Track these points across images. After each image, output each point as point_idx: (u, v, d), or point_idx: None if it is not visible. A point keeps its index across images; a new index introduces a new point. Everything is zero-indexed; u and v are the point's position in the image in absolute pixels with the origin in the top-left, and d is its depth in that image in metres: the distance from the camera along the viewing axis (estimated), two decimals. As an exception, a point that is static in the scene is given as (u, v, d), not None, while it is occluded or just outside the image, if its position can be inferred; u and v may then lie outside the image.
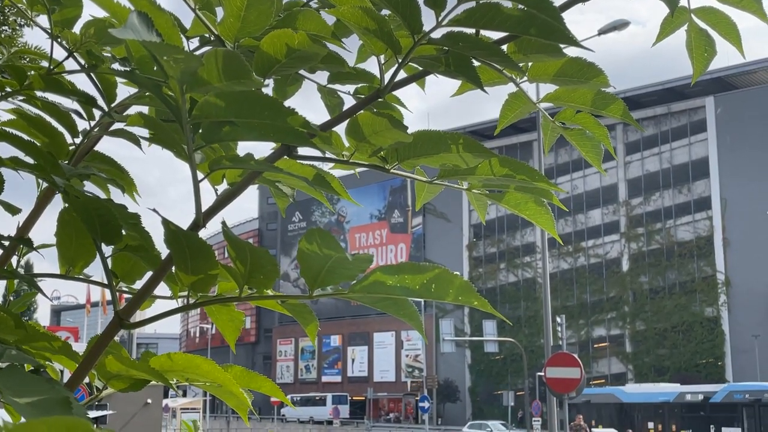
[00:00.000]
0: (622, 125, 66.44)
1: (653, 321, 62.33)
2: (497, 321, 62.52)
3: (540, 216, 1.48)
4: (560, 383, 16.99)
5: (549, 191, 1.42)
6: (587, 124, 1.47)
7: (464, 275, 72.59)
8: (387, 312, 1.24)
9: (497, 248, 73.02)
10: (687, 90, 63.15)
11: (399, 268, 1.13)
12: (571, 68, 1.34)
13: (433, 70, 1.28)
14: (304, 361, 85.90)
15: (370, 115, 1.27)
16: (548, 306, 21.12)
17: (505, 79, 1.37)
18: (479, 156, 1.30)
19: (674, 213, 62.90)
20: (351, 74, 1.57)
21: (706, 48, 1.51)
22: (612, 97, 1.41)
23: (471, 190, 1.44)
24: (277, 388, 1.42)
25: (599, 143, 1.50)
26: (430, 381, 56.45)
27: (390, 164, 1.34)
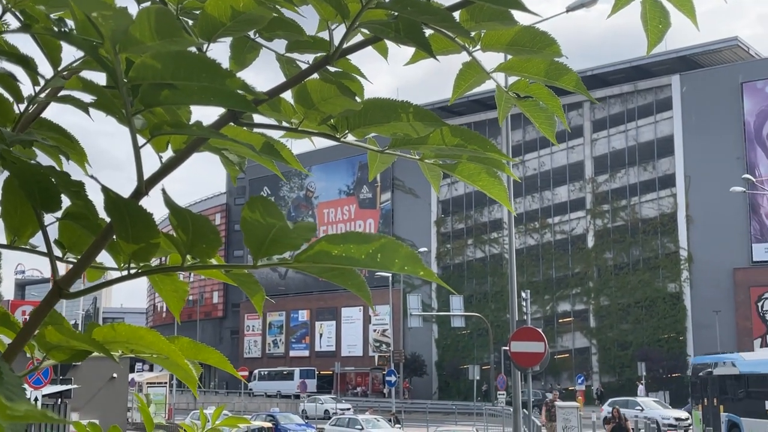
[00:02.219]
0: (589, 102, 66.87)
1: (617, 296, 63.20)
2: (464, 296, 63.03)
3: (493, 187, 1.46)
4: (524, 357, 17.19)
5: (501, 162, 1.40)
6: (541, 95, 1.46)
7: (432, 251, 73.09)
8: (334, 282, 1.22)
9: (465, 224, 73.37)
10: (653, 68, 63.64)
11: (344, 237, 1.12)
12: (523, 37, 1.33)
13: (383, 36, 1.25)
14: (272, 335, 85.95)
15: (318, 81, 1.25)
16: (514, 281, 21.27)
17: (459, 47, 1.35)
18: (430, 125, 1.28)
19: (639, 190, 63.61)
20: (309, 43, 1.54)
21: (660, 20, 1.50)
22: (565, 68, 1.40)
23: (424, 160, 1.42)
24: (225, 360, 1.40)
25: (553, 114, 1.50)
26: (397, 355, 56.85)
27: (340, 133, 1.32)
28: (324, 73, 1.47)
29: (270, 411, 43.55)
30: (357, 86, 1.55)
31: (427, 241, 72.70)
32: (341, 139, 1.33)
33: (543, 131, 1.53)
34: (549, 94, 1.46)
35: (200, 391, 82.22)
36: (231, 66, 1.55)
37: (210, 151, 1.33)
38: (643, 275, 62.13)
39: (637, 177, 63.78)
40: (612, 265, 64.13)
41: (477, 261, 72.32)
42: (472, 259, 72.68)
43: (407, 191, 76.12)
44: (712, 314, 54.95)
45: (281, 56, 1.61)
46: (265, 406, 56.50)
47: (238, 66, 1.56)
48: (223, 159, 1.48)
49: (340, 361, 72.07)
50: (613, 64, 65.60)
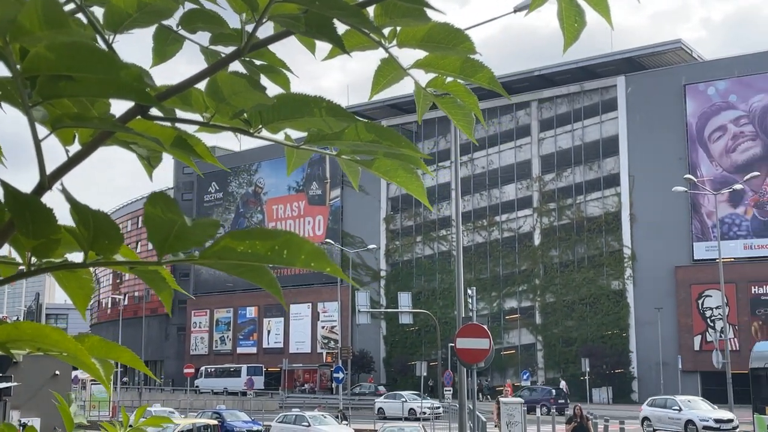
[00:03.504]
0: (537, 102, 67.67)
1: (562, 293, 64.11)
2: (413, 293, 63.26)
3: (411, 183, 1.47)
4: (470, 354, 17.30)
5: (417, 158, 1.41)
6: (458, 92, 1.47)
7: (381, 248, 73.20)
8: (245, 279, 1.21)
9: (414, 221, 73.64)
10: (599, 69, 64.65)
11: (249, 233, 1.10)
12: (438, 33, 1.33)
13: (294, 30, 1.24)
14: (219, 332, 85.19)
15: (229, 75, 1.23)
16: (461, 278, 21.40)
17: (375, 43, 1.35)
18: (343, 120, 1.28)
19: (585, 189, 64.59)
20: (232, 35, 1.52)
21: (576, 18, 1.52)
22: (480, 65, 1.41)
23: (341, 156, 1.42)
24: (137, 359, 1.38)
25: (470, 112, 1.50)
26: (344, 352, 56.81)
27: (254, 128, 1.31)
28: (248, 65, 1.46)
29: (216, 408, 43.14)
30: (283, 80, 1.54)
31: (377, 238, 72.82)
32: (255, 134, 1.31)
33: (461, 128, 1.54)
34: (466, 91, 1.46)
35: (146, 388, 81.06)
36: (153, 58, 1.53)
37: (118, 145, 1.30)
38: (587, 273, 63.13)
39: (583, 176, 64.75)
40: (558, 262, 65.01)
41: (426, 258, 72.67)
42: (421, 256, 73.01)
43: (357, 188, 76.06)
44: (654, 311, 56.08)
45: (205, 49, 1.59)
46: (212, 404, 55.97)
47: (160, 58, 1.54)
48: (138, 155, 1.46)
49: (288, 358, 71.78)
50: (560, 64, 66.43)
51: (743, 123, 57.61)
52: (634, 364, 59.42)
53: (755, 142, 57.13)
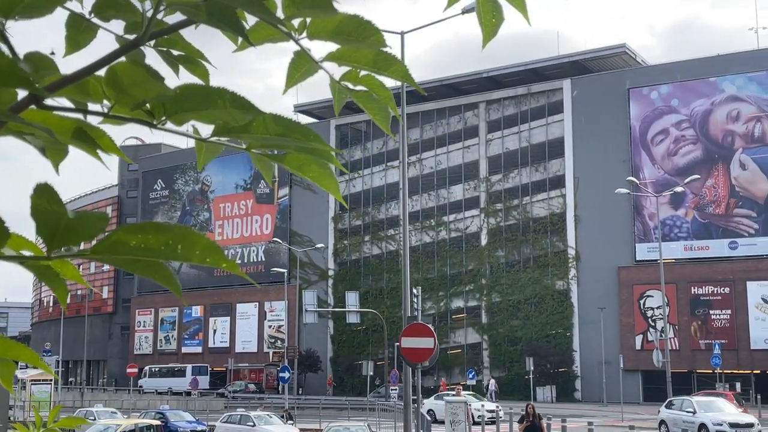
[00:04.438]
0: (485, 103, 68.23)
1: (508, 293, 64.77)
2: (360, 292, 63.22)
3: (324, 179, 1.44)
4: (414, 353, 17.35)
5: (330, 153, 1.38)
6: (372, 86, 1.45)
7: (329, 247, 73.03)
8: (141, 275, 1.17)
9: (362, 221, 73.65)
10: (546, 72, 65.47)
11: (142, 227, 1.09)
12: (348, 26, 1.31)
13: (196, 19, 1.21)
14: (164, 331, 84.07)
15: (127, 64, 1.19)
16: (407, 278, 21.46)
17: (284, 35, 1.32)
18: (248, 113, 1.24)
19: (531, 190, 65.35)
20: (146, 24, 1.48)
21: (493, 13, 1.51)
22: (393, 59, 1.39)
23: (251, 150, 1.38)
24: (38, 358, 1.33)
25: (386, 106, 1.48)
26: (291, 351, 56.56)
27: (157, 119, 1.27)
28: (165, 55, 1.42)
29: (160, 408, 42.53)
30: (201, 71, 1.50)
31: (325, 237, 72.64)
32: (158, 126, 1.27)
33: (378, 123, 1.52)
34: (380, 85, 1.44)
35: (88, 388, 79.54)
36: (66, 47, 1.48)
37: (12, 136, 1.25)
38: (533, 273, 63.89)
39: (529, 177, 65.50)
40: (504, 262, 65.66)
41: (374, 257, 72.73)
42: (368, 256, 73.04)
43: (305, 187, 75.75)
44: (597, 311, 56.96)
45: (120, 37, 1.55)
46: (156, 404, 55.16)
47: (73, 47, 1.49)
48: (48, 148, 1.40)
49: (234, 357, 71.18)
50: (508, 66, 67.13)
51: (685, 127, 58.92)
52: (578, 363, 60.35)
53: (696, 145, 58.47)
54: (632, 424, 31.45)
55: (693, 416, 29.83)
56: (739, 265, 55.68)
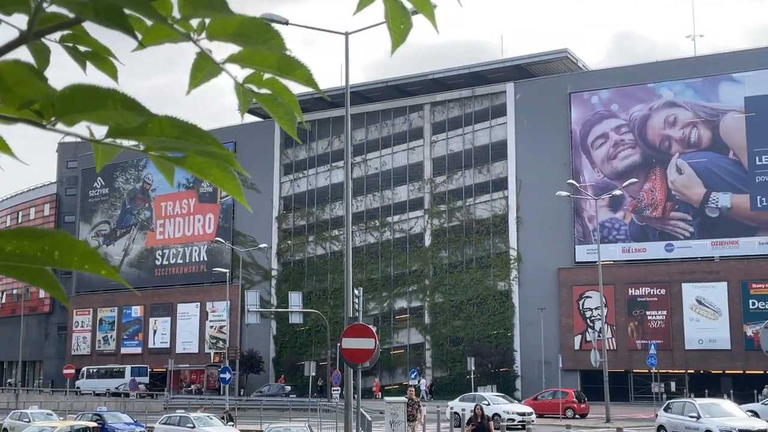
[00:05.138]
0: (430, 105, 68.60)
1: (451, 294, 65.22)
2: (304, 293, 62.97)
3: (226, 182, 1.42)
4: (355, 353, 17.33)
5: (231, 157, 1.36)
6: (277, 89, 1.43)
7: (273, 247, 72.54)
8: (23, 281, 1.17)
9: (307, 221, 73.35)
10: (490, 75, 66.10)
11: (17, 233, 1.07)
12: (248, 28, 1.29)
13: (85, 17, 1.18)
14: (103, 332, 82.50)
15: (11, 63, 1.17)
16: (350, 278, 21.45)
17: (181, 35, 1.29)
18: (139, 115, 1.21)
19: (474, 192, 65.92)
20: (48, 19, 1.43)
21: (402, 20, 1.50)
22: (297, 62, 1.38)
23: (149, 152, 1.35)
24: None
25: (292, 110, 1.47)
26: (232, 352, 56.05)
27: (47, 119, 1.23)
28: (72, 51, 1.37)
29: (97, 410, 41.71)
30: (109, 67, 1.47)
31: (268, 237, 72.15)
32: (48, 127, 1.24)
33: (283, 126, 1.50)
34: (284, 89, 1.43)
35: (23, 389, 77.56)
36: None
37: None
38: (475, 273, 64.45)
39: (473, 179, 66.06)
40: (447, 263, 66.09)
41: (318, 258, 72.50)
42: (312, 256, 72.78)
43: (249, 186, 75.09)
44: (537, 311, 57.71)
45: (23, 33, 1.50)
46: (93, 405, 54.09)
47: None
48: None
49: (174, 358, 70.18)
50: (453, 69, 67.59)
51: (624, 131, 60.10)
52: (518, 363, 61.09)
53: (634, 150, 59.69)
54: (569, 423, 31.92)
55: (697, 421, 26.65)
56: (674, 267, 57.02)
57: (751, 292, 54.62)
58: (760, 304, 53.92)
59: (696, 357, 55.68)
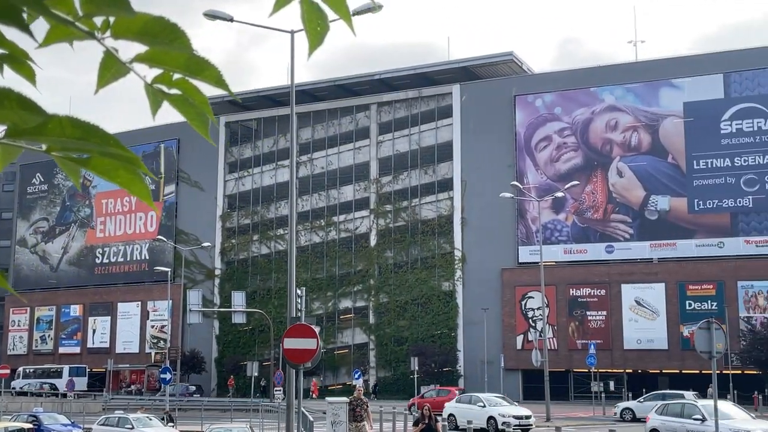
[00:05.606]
0: (376, 105, 68.67)
1: (396, 294, 65.38)
2: (248, 292, 62.48)
3: (133, 184, 1.38)
4: (297, 354, 17.22)
5: (136, 159, 1.33)
6: (187, 90, 1.40)
7: (216, 246, 71.75)
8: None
9: (251, 219, 72.77)
10: (437, 76, 66.45)
11: None
12: (154, 27, 1.26)
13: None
14: (40, 331, 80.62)
15: None
16: (293, 278, 21.33)
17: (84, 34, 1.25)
18: (36, 115, 1.18)
19: (420, 192, 66.19)
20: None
21: (318, 22, 1.49)
22: (206, 63, 1.35)
23: (51, 153, 1.31)
24: None
25: (203, 111, 1.44)
26: (173, 352, 55.32)
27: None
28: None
29: (33, 411, 40.73)
30: (27, 71, 1.42)
31: (212, 236, 71.34)
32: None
33: (195, 127, 1.47)
34: (195, 89, 1.40)
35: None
36: None
37: None
38: (420, 274, 64.72)
39: (419, 180, 66.32)
40: (392, 263, 66.23)
41: (262, 257, 71.99)
42: (257, 255, 72.24)
43: (193, 184, 74.28)
44: (480, 312, 58.25)
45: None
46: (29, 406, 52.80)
47: None
48: None
49: (114, 358, 68.96)
50: (400, 69, 67.78)
51: (566, 134, 61.02)
52: (461, 363, 61.53)
53: (577, 152, 60.64)
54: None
55: (702, 424, 23.89)
56: (614, 268, 58.07)
57: (687, 293, 55.94)
58: (697, 305, 55.26)
59: (634, 357, 56.81)
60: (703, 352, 19.61)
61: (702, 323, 20.02)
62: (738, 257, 55.08)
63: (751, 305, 54.36)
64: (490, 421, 31.73)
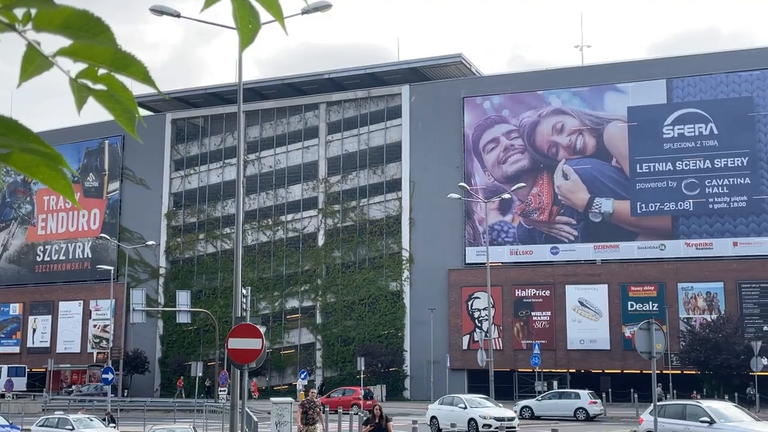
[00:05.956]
0: (326, 104, 68.49)
1: (343, 294, 65.30)
2: (193, 291, 61.73)
3: (56, 181, 1.35)
4: (241, 354, 17.10)
5: (59, 155, 1.30)
6: (113, 86, 1.37)
7: (161, 244, 70.75)
8: None
9: (197, 218, 71.96)
10: (386, 77, 66.58)
11: None
12: (77, 21, 1.23)
13: None
14: (-23, 331, 78.49)
15: None
16: (239, 277, 21.12)
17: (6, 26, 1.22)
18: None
19: (368, 192, 66.23)
20: None
21: (250, 20, 1.48)
22: (132, 58, 1.33)
23: (-31, 147, 1.28)
24: None
25: (129, 108, 1.41)
26: (116, 352, 54.42)
27: None
28: None
29: (-32, 413, 39.64)
30: None
31: (157, 234, 70.33)
32: None
33: (121, 124, 1.44)
34: (121, 85, 1.37)
35: None
36: None
37: None
38: (368, 274, 64.75)
39: (367, 180, 66.35)
40: (340, 263, 66.14)
41: (208, 256, 71.24)
42: (203, 254, 71.46)
43: (138, 182, 73.12)
44: (427, 312, 58.52)
45: None
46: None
47: None
48: None
49: (55, 358, 67.47)
50: (349, 69, 67.74)
51: (514, 137, 61.68)
52: (408, 363, 61.73)
53: (523, 155, 61.34)
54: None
55: (710, 427, 22.07)
56: (559, 270, 58.89)
57: (629, 294, 57.01)
58: (638, 306, 56.36)
59: (578, 357, 57.67)
60: (643, 353, 20.00)
61: (642, 324, 20.42)
62: (678, 259, 56.33)
63: (690, 306, 55.65)
64: (470, 423, 30.94)
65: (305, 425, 20.99)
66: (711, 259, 55.70)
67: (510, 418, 31.11)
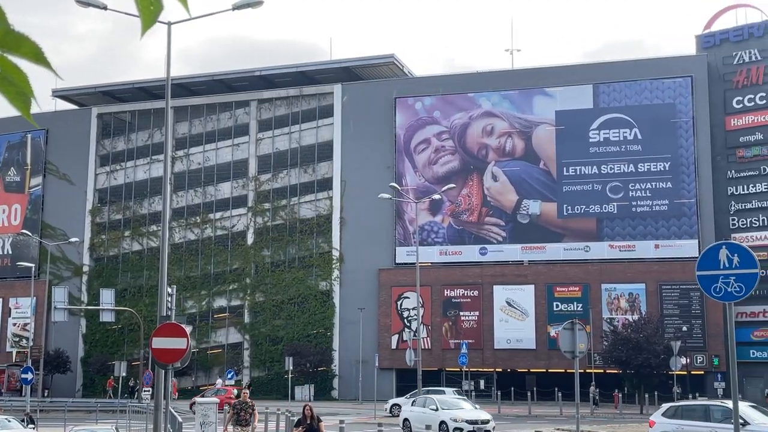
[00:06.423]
0: (256, 102, 67.87)
1: (272, 293, 64.83)
2: (118, 290, 60.44)
3: None
4: (165, 353, 16.80)
5: None
6: (5, 67, 1.31)
7: (85, 241, 69.05)
8: None
9: (123, 215, 70.47)
10: (318, 75, 66.37)
11: None
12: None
13: None
14: None
15: None
16: (164, 275, 20.76)
17: None
18: None
19: (299, 191, 65.91)
20: None
21: (152, 2, 1.43)
22: (23, 38, 1.27)
23: None
24: None
25: (24, 91, 1.35)
26: (36, 351, 52.87)
27: None
28: None
29: None
30: None
31: (80, 231, 68.63)
32: None
33: (16, 108, 1.38)
34: (14, 67, 1.31)
35: None
36: None
37: None
38: (297, 273, 64.42)
39: (298, 178, 66.02)
40: (269, 262, 65.64)
41: (134, 254, 69.84)
42: (128, 252, 70.02)
43: (61, 177, 71.19)
44: (357, 311, 58.57)
45: None
46: None
47: None
48: None
49: (-29, 358, 65.26)
50: (281, 66, 67.29)
51: (445, 138, 62.22)
52: (336, 362, 61.66)
53: (454, 156, 61.93)
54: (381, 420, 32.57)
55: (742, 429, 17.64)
56: (487, 270, 59.64)
57: (555, 294, 58.12)
58: (563, 306, 57.50)
59: (504, 356, 58.50)
60: (567, 352, 20.40)
61: (566, 324, 20.83)
62: (602, 261, 57.69)
63: (613, 307, 57.05)
64: (441, 425, 28.90)
65: (237, 426, 20.43)
66: (633, 261, 57.22)
67: (484, 420, 29.26)
